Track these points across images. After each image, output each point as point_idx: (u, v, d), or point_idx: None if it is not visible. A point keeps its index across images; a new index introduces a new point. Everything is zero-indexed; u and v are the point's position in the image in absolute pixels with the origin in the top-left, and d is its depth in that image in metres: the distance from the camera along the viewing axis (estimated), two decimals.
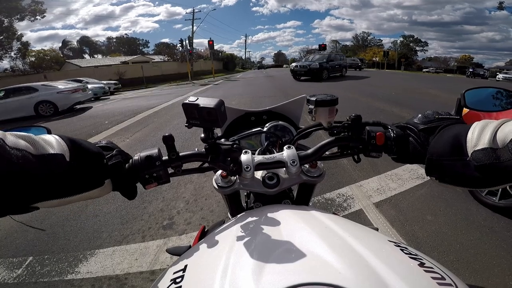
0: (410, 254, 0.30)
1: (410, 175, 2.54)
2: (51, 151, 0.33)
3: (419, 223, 1.86)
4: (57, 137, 0.36)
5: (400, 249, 0.31)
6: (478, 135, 0.35)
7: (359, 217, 1.96)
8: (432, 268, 0.27)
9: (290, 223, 0.37)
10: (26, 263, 1.74)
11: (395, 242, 0.33)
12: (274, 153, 0.52)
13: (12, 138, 0.31)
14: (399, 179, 2.49)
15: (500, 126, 0.34)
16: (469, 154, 0.35)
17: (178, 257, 0.39)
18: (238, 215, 0.46)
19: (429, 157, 0.40)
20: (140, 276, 1.55)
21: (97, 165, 0.38)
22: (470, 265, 1.47)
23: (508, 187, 1.83)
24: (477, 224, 1.80)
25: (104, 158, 0.40)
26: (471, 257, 1.52)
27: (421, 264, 0.28)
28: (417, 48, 63.57)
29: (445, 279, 0.26)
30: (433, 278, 0.26)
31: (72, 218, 2.22)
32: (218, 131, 0.80)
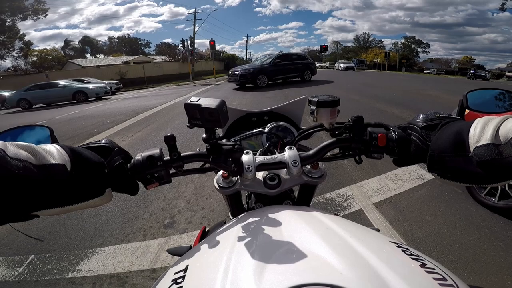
0: (412, 255, 0.30)
1: (410, 176, 2.54)
2: (52, 161, 0.33)
3: (419, 223, 1.86)
4: (58, 146, 0.36)
5: (402, 250, 0.31)
6: (481, 131, 0.35)
7: (359, 217, 1.96)
8: (433, 269, 0.27)
9: (291, 224, 0.37)
10: (28, 262, 1.75)
11: (396, 243, 0.33)
12: (275, 154, 0.52)
13: (13, 148, 0.31)
14: (399, 180, 2.49)
15: (503, 122, 0.34)
16: (471, 150, 0.35)
17: (179, 257, 0.40)
18: (239, 216, 0.46)
19: (431, 153, 0.40)
20: (141, 274, 1.56)
21: (98, 175, 0.38)
22: (469, 264, 1.47)
23: (507, 188, 1.84)
24: (476, 225, 1.81)
25: (105, 167, 0.40)
26: (470, 257, 1.53)
27: (423, 265, 0.28)
28: (419, 50, 63.48)
29: (446, 280, 0.26)
30: (435, 279, 0.26)
31: (73, 216, 2.23)
32: (219, 132, 0.81)
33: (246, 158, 0.47)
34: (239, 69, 11.33)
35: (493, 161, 0.33)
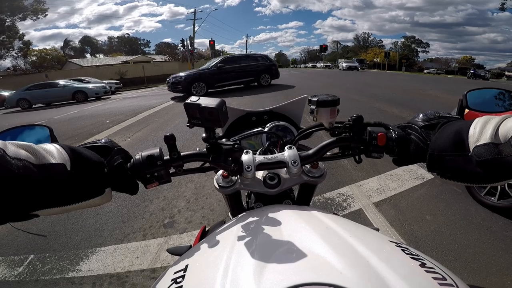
0: (411, 254, 0.30)
1: (410, 175, 2.54)
2: (52, 161, 0.33)
3: (418, 222, 1.86)
4: (58, 146, 0.36)
5: (401, 249, 0.31)
6: (480, 131, 0.35)
7: (358, 217, 1.96)
8: (433, 268, 0.27)
9: (291, 223, 0.37)
10: (27, 261, 1.75)
11: (396, 243, 0.33)
12: (275, 153, 0.52)
13: (13, 148, 0.31)
14: (399, 179, 2.49)
15: (502, 122, 0.34)
16: (471, 150, 0.35)
17: (179, 257, 0.39)
18: (239, 215, 0.46)
19: (430, 152, 0.40)
20: (141, 274, 1.56)
21: (98, 174, 0.38)
22: (469, 264, 1.47)
23: (507, 187, 1.84)
24: (476, 224, 1.81)
25: (105, 167, 0.40)
26: (470, 256, 1.53)
27: (422, 265, 0.28)
28: (419, 49, 63.63)
29: (446, 280, 0.26)
30: (434, 278, 0.26)
31: (73, 216, 2.22)
32: (219, 131, 0.80)
33: (246, 157, 0.47)
34: (175, 76, 9.86)
35: (493, 160, 0.33)
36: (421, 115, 0.47)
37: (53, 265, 1.70)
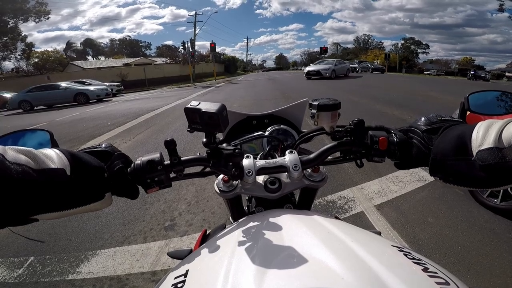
0: (414, 258, 0.30)
1: (411, 178, 2.53)
2: (52, 166, 0.33)
3: (420, 225, 1.85)
4: (57, 151, 0.36)
5: (404, 253, 0.31)
6: (483, 135, 0.34)
7: (360, 219, 1.95)
8: (436, 273, 0.27)
9: (292, 228, 0.36)
10: (27, 263, 1.75)
11: (398, 247, 0.33)
12: (276, 158, 0.52)
13: (12, 153, 0.31)
14: (400, 182, 2.48)
15: (506, 126, 0.34)
16: (474, 154, 0.34)
17: (179, 260, 0.39)
18: (240, 220, 0.46)
19: (433, 157, 0.40)
20: (141, 276, 1.56)
21: (98, 179, 0.38)
22: (472, 266, 1.46)
23: (509, 189, 1.83)
24: (479, 226, 1.80)
25: (105, 171, 0.40)
26: (473, 258, 1.51)
27: (425, 269, 0.28)
28: (419, 51, 63.65)
29: (449, 284, 0.26)
30: (437, 283, 0.25)
31: (74, 218, 2.22)
32: (219, 135, 0.80)
33: (246, 162, 0.47)
34: None
35: (497, 165, 0.32)
36: (423, 119, 0.46)
37: (53, 267, 1.70)
